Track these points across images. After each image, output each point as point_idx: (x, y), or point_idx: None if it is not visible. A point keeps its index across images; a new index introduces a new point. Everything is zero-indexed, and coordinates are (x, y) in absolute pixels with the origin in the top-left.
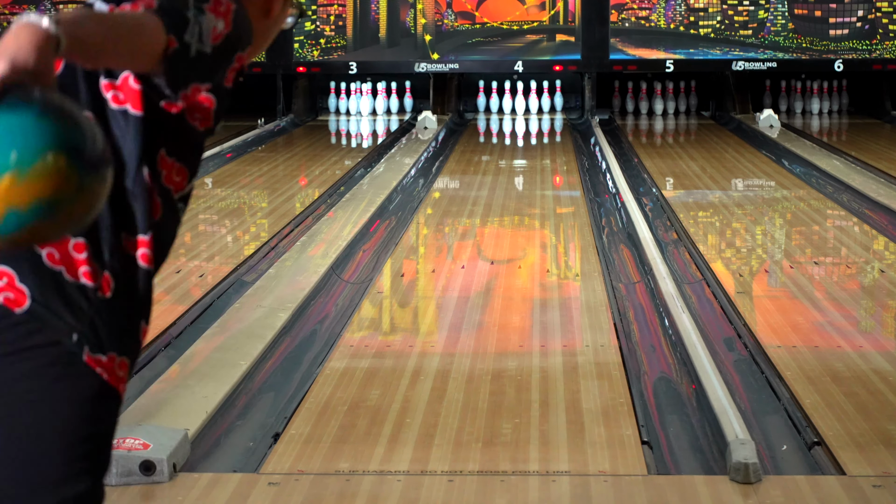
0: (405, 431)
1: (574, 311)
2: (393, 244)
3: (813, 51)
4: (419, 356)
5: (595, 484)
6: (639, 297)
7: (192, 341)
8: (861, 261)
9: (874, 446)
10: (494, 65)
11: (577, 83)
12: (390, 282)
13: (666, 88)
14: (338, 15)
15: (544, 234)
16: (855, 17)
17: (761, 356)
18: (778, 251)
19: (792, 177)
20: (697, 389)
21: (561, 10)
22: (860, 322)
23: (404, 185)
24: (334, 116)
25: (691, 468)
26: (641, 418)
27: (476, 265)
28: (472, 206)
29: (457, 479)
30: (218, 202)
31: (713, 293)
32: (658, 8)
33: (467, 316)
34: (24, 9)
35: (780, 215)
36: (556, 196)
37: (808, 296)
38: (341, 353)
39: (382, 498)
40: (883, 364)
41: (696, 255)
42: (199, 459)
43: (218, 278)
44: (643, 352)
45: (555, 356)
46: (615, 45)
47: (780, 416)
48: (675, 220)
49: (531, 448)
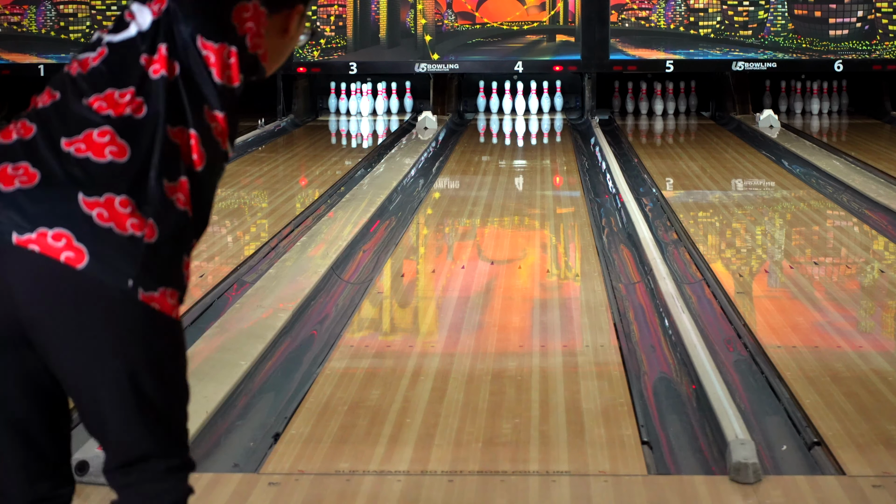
0: (405, 431)
1: (574, 312)
2: (393, 244)
3: (813, 51)
4: (419, 356)
5: (595, 484)
6: (639, 297)
7: (193, 341)
8: (861, 261)
9: (874, 446)
10: (494, 65)
11: (577, 83)
12: (390, 282)
13: (666, 89)
14: (338, 15)
15: (544, 235)
16: (855, 18)
17: (761, 356)
18: (778, 251)
19: (792, 177)
20: (697, 389)
21: (561, 10)
22: (860, 322)
23: (404, 185)
24: (334, 117)
25: (691, 468)
26: (641, 418)
27: (476, 265)
28: (472, 206)
29: (457, 479)
30: (218, 202)
31: (713, 293)
32: (658, 8)
33: (467, 316)
34: (24, 9)
35: (780, 215)
36: (556, 196)
37: (808, 296)
38: (341, 354)
39: (382, 498)
40: (883, 364)
41: (696, 255)
42: (199, 459)
43: (218, 278)
44: (643, 352)
45: (555, 356)
46: (615, 45)
47: (780, 417)
48: (675, 220)
49: (531, 448)
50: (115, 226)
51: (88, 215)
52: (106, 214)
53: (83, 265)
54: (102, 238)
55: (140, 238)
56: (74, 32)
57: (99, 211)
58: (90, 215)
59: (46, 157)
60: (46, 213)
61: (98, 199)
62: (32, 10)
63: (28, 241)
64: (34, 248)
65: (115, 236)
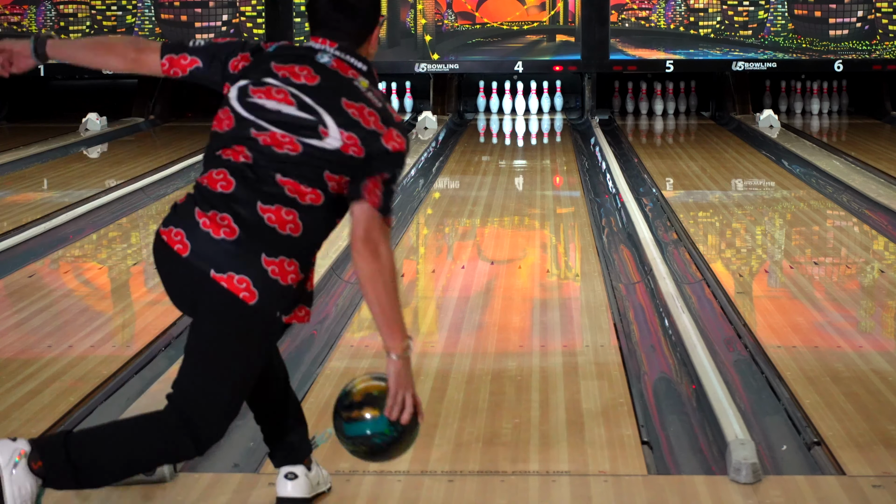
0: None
1: (574, 312)
2: (393, 244)
3: (813, 51)
4: (419, 356)
5: (595, 484)
6: (639, 297)
7: None
8: (861, 261)
9: (874, 446)
10: (494, 65)
11: (577, 83)
12: None
13: (666, 89)
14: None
15: (544, 235)
16: (855, 18)
17: (761, 356)
18: (778, 251)
19: (792, 177)
20: (697, 389)
21: (561, 10)
22: (860, 322)
23: (404, 185)
24: None
25: (691, 468)
26: (641, 418)
27: (476, 265)
28: (472, 206)
29: (457, 479)
30: None
31: (713, 293)
32: (658, 8)
33: (467, 316)
34: (24, 9)
35: (779, 215)
36: (556, 196)
37: (808, 296)
38: (341, 354)
39: (382, 498)
40: (883, 364)
41: (696, 255)
42: (200, 459)
43: None
44: (643, 352)
45: (555, 356)
46: (615, 45)
47: (779, 416)
48: (675, 220)
49: (531, 448)
50: (280, 279)
51: (265, 269)
52: (208, 223)
53: (254, 303)
54: (201, 238)
55: (223, 239)
56: (74, 32)
57: (204, 220)
58: (266, 270)
59: (245, 216)
60: (239, 264)
61: (275, 259)
62: (32, 10)
63: (220, 279)
64: (224, 285)
65: (279, 286)
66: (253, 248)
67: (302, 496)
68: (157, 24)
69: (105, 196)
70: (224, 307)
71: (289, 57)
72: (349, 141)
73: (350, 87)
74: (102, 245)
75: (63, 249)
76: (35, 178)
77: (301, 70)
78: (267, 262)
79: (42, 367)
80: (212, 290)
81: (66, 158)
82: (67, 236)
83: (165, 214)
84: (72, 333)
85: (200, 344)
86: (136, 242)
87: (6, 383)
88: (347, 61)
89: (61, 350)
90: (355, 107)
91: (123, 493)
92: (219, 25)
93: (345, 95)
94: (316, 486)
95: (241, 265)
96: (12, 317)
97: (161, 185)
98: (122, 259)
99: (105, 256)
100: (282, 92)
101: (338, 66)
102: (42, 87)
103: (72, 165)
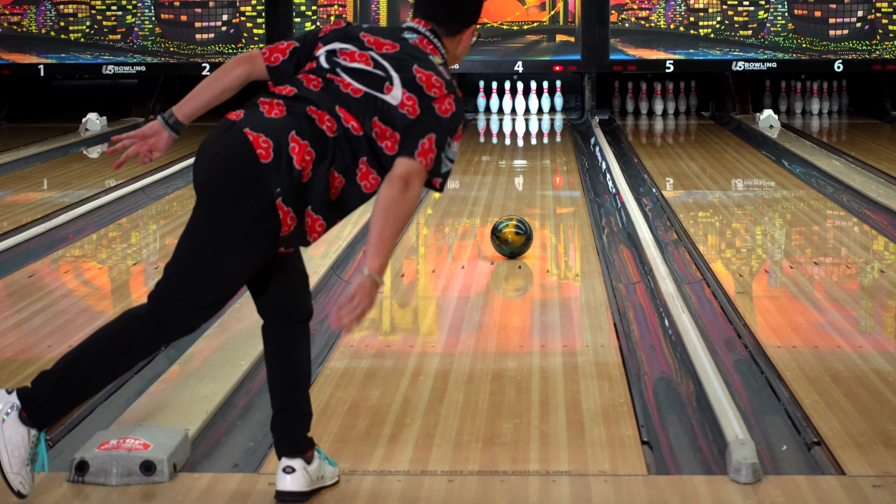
0: (405, 431)
1: (574, 312)
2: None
3: (813, 51)
4: (419, 356)
5: (595, 484)
6: (639, 297)
7: (193, 341)
8: (861, 261)
9: (874, 446)
10: (494, 65)
11: (577, 83)
12: (390, 282)
13: (666, 89)
14: (338, 15)
15: (544, 235)
16: (855, 18)
17: (761, 356)
18: (778, 251)
19: (792, 177)
20: (697, 389)
21: (561, 10)
22: (860, 322)
23: None
24: None
25: (691, 468)
26: (641, 418)
27: (476, 265)
28: (472, 206)
29: (457, 479)
30: None
31: (713, 293)
32: (658, 8)
33: (467, 316)
34: (24, 9)
35: (780, 215)
36: (556, 196)
37: (808, 296)
38: (341, 354)
39: (382, 498)
40: (883, 364)
41: (696, 255)
42: (200, 459)
43: None
44: (643, 352)
45: (555, 356)
46: (615, 45)
47: (779, 416)
48: (675, 220)
49: (531, 448)
50: (295, 159)
51: (288, 144)
52: (296, 149)
53: (266, 162)
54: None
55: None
56: (74, 32)
57: (294, 146)
58: (289, 144)
59: (296, 110)
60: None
61: (299, 141)
62: (32, 10)
63: (249, 133)
64: (249, 138)
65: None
66: (287, 126)
67: (299, 490)
68: (157, 24)
69: (105, 196)
70: (239, 162)
71: (379, 31)
72: (408, 102)
73: (425, 59)
74: (102, 245)
75: (63, 249)
76: (35, 178)
77: (386, 42)
78: (293, 139)
79: (42, 367)
80: (235, 143)
81: (66, 158)
82: (67, 236)
83: (168, 208)
84: (72, 333)
85: (188, 230)
86: (136, 242)
87: (6, 383)
88: (432, 41)
89: (61, 350)
90: (424, 73)
91: (123, 493)
92: (219, 25)
93: (418, 63)
94: (317, 480)
95: (271, 132)
96: (12, 317)
97: (161, 185)
98: (122, 259)
99: (105, 256)
100: (364, 56)
101: (420, 43)
102: (42, 87)
103: (72, 165)
